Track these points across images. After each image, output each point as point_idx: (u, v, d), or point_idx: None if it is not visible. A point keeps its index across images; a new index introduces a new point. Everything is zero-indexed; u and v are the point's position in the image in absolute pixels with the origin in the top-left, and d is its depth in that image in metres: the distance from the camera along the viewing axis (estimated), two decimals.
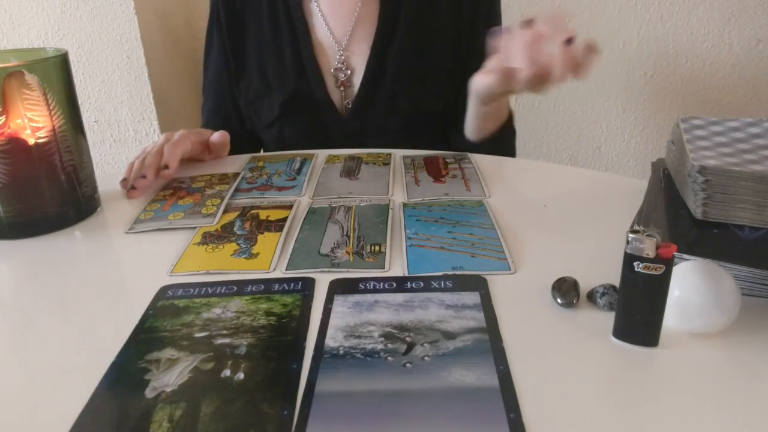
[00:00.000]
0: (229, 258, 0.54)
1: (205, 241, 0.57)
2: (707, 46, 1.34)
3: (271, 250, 0.55)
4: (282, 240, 0.57)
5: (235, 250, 0.55)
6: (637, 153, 1.46)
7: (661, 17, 1.33)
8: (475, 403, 0.36)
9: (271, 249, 0.55)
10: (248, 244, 0.56)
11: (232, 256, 0.54)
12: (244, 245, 0.56)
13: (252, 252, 0.55)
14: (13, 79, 0.56)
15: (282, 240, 0.57)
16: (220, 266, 0.52)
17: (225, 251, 0.55)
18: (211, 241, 0.57)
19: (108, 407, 0.37)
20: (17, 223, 0.60)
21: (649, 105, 1.42)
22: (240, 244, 0.56)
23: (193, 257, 0.54)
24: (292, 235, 0.58)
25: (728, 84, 1.36)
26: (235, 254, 0.55)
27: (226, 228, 0.60)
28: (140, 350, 0.42)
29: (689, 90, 1.38)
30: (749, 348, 0.40)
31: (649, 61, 1.38)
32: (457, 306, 0.45)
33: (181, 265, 0.53)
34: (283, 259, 0.53)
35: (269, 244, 0.56)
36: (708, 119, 0.62)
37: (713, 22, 1.31)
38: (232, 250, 0.55)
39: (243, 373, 0.39)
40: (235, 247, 0.56)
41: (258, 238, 0.57)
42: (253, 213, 0.63)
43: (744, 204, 0.49)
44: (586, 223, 0.60)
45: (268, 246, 0.56)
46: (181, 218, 0.62)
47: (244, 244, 0.56)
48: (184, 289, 0.49)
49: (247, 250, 0.55)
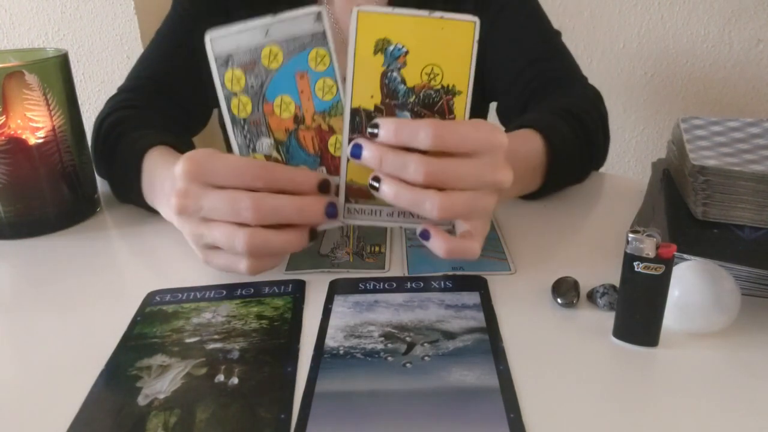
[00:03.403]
0: None
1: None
2: (707, 46, 1.34)
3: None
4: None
5: None
6: (637, 153, 1.46)
7: (661, 17, 1.33)
8: (475, 403, 0.36)
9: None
10: None
11: None
12: None
13: None
14: (13, 79, 0.56)
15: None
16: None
17: None
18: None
19: (100, 416, 0.36)
20: (17, 223, 0.60)
21: (649, 105, 1.42)
22: None
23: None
24: None
25: (728, 84, 1.36)
26: None
27: None
28: (130, 357, 0.41)
29: (689, 90, 1.38)
30: (749, 348, 0.40)
31: (649, 61, 1.38)
32: (457, 306, 0.45)
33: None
34: (283, 260, 0.53)
35: None
36: (708, 119, 0.62)
37: (713, 22, 1.31)
38: None
39: (237, 378, 0.39)
40: None
41: None
42: None
43: (744, 204, 0.49)
44: (586, 223, 0.60)
45: None
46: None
47: None
48: (171, 294, 0.49)
49: None
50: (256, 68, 0.44)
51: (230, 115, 0.46)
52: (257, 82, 0.45)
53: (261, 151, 0.46)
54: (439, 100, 0.44)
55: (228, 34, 0.44)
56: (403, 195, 0.43)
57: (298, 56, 0.44)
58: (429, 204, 0.42)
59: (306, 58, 0.44)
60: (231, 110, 0.45)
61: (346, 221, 0.47)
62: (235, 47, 0.44)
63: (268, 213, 0.43)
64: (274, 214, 0.43)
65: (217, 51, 0.44)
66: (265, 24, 0.44)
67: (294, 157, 0.46)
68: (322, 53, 0.44)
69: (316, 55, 0.44)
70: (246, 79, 0.45)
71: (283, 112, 0.45)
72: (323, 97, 0.45)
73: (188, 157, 0.44)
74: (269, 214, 0.43)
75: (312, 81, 0.45)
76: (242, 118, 0.46)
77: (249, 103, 0.45)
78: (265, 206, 0.43)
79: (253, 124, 0.46)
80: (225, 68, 0.44)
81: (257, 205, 0.43)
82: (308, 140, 0.46)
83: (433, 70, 0.44)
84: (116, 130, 0.64)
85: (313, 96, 0.45)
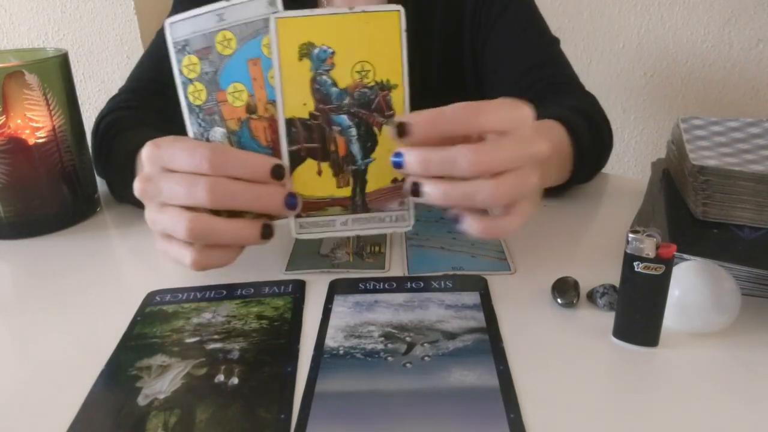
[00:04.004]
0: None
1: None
2: (707, 46, 1.34)
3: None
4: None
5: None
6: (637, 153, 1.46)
7: (661, 17, 1.33)
8: (475, 403, 0.36)
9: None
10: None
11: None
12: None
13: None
14: (13, 79, 0.56)
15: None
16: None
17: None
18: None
19: (100, 416, 0.36)
20: (17, 223, 0.60)
21: (649, 105, 1.42)
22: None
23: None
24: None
25: (728, 84, 1.36)
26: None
27: None
28: (130, 357, 0.41)
29: (689, 90, 1.38)
30: (749, 348, 0.40)
31: (649, 61, 1.38)
32: (457, 306, 0.45)
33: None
34: (283, 260, 0.53)
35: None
36: (708, 119, 0.62)
37: (713, 22, 1.31)
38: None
39: (237, 378, 0.38)
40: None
41: None
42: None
43: (744, 204, 0.49)
44: (586, 223, 0.60)
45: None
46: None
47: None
48: (171, 294, 0.48)
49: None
50: (211, 54, 0.43)
51: (186, 102, 0.44)
52: (212, 68, 0.43)
53: (214, 140, 0.45)
54: (375, 97, 0.43)
55: (185, 19, 0.43)
56: (453, 192, 0.41)
57: (251, 42, 0.43)
58: (482, 195, 0.40)
59: (259, 45, 0.43)
60: (187, 97, 0.44)
61: (299, 237, 0.46)
62: (191, 32, 0.43)
63: (224, 196, 0.41)
64: (231, 198, 0.42)
65: (175, 36, 0.43)
66: (219, 8, 0.42)
67: (246, 148, 0.45)
68: None
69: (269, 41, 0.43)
70: (201, 66, 0.43)
71: (235, 100, 0.44)
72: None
73: (151, 142, 0.44)
74: (225, 197, 0.41)
75: (265, 68, 0.43)
76: (197, 106, 0.44)
77: (204, 91, 0.44)
78: (220, 188, 0.41)
79: (208, 113, 0.44)
80: (182, 54, 0.43)
81: (212, 186, 0.41)
82: (260, 131, 0.44)
83: (363, 67, 0.42)
84: (112, 129, 0.64)
85: (265, 84, 0.43)
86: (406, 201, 0.45)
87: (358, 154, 0.44)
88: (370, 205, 0.45)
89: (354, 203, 0.45)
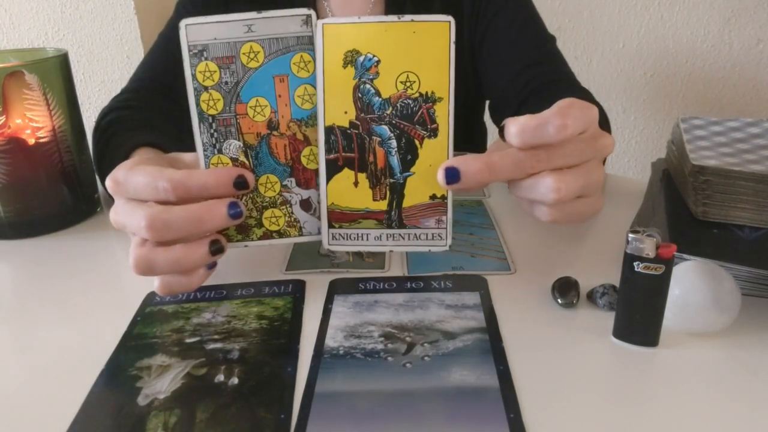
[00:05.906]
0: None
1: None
2: (707, 46, 1.34)
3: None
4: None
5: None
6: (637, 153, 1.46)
7: (661, 17, 1.33)
8: (475, 403, 0.36)
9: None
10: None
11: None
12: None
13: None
14: (13, 79, 0.56)
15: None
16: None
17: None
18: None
19: (100, 416, 0.36)
20: (17, 223, 0.60)
21: (649, 105, 1.42)
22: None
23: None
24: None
25: (728, 84, 1.36)
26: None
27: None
28: (130, 357, 0.41)
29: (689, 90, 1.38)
30: (749, 348, 0.40)
31: (649, 61, 1.38)
32: (457, 306, 0.45)
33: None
34: (283, 260, 0.53)
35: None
36: (708, 119, 0.62)
37: (713, 22, 1.31)
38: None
39: (237, 378, 0.38)
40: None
41: None
42: None
43: (744, 204, 0.49)
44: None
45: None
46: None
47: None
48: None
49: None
50: (233, 64, 0.42)
51: (198, 110, 0.43)
52: (233, 79, 0.42)
53: (228, 153, 0.44)
54: (418, 109, 0.42)
55: (205, 23, 0.41)
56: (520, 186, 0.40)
57: (279, 58, 0.42)
58: (544, 187, 0.39)
59: (288, 62, 0.42)
60: (199, 105, 0.43)
61: (330, 248, 0.45)
62: (212, 38, 0.42)
63: (161, 230, 0.39)
64: (167, 230, 0.39)
65: (192, 40, 0.42)
66: (249, 19, 0.41)
67: (263, 163, 0.44)
68: (307, 59, 0.42)
69: (300, 59, 0.42)
70: (221, 75, 0.43)
71: (257, 115, 0.43)
72: (302, 105, 0.43)
73: (110, 176, 0.43)
74: (162, 230, 0.39)
75: (292, 86, 0.43)
76: (210, 115, 0.43)
77: (221, 101, 0.43)
78: (157, 222, 0.39)
79: (222, 124, 0.43)
80: (198, 59, 0.42)
81: (150, 222, 0.39)
82: (280, 148, 0.44)
83: (408, 77, 0.41)
84: (110, 129, 0.64)
85: (291, 102, 0.43)
86: (443, 219, 0.44)
87: (396, 167, 0.43)
88: (406, 221, 0.44)
89: (390, 218, 0.44)
